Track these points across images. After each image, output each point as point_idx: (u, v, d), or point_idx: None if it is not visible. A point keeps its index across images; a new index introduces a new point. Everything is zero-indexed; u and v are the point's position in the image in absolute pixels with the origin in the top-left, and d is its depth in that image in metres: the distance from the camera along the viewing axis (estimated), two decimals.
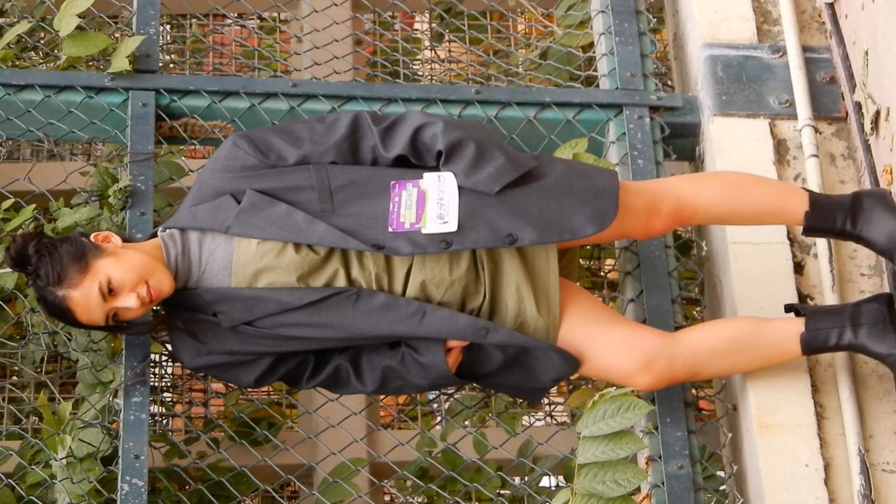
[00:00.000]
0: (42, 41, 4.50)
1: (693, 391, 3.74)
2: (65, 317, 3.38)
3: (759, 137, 4.03)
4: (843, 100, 4.09)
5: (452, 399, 4.35)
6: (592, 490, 3.21)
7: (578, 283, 3.70)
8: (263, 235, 3.40)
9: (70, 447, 3.53)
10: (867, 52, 3.93)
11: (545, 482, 5.02)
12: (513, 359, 3.49)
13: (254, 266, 3.41)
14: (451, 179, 3.44)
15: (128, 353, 3.61)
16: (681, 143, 4.15)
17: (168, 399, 4.85)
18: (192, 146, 4.09)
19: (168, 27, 5.68)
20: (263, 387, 3.67)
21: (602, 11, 4.30)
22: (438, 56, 5.65)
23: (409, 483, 4.67)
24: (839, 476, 3.56)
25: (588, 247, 4.17)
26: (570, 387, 4.61)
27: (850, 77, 4.05)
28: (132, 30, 4.16)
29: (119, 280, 3.33)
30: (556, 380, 3.55)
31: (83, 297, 3.33)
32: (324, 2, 4.62)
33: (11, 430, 3.89)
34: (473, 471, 4.34)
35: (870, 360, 3.66)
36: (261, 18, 5.70)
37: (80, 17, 4.05)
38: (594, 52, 4.33)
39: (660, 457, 3.56)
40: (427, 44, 5.73)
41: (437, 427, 5.27)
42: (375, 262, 3.41)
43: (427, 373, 3.46)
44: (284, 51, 5.24)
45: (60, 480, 3.54)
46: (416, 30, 5.91)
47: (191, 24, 5.67)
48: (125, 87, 4.01)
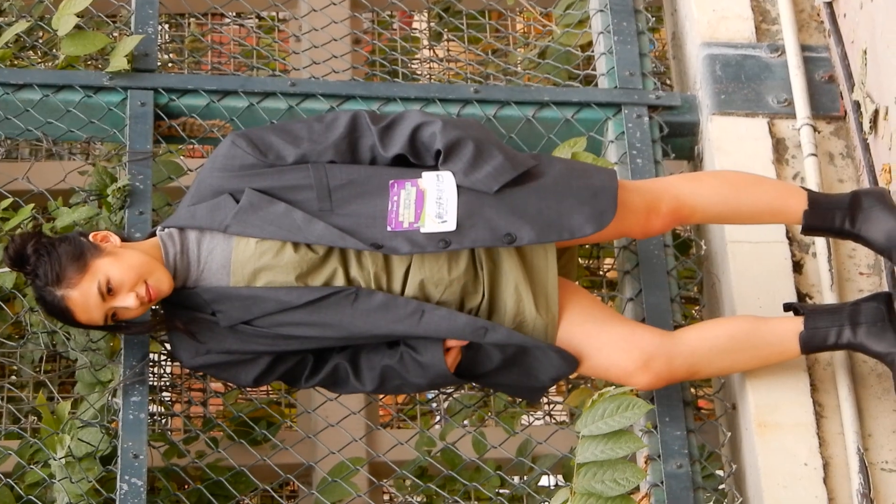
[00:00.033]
0: (40, 40, 4.50)
1: (692, 390, 3.74)
2: (63, 316, 3.38)
3: (758, 136, 4.03)
4: (842, 99, 4.09)
5: (451, 398, 4.34)
6: (591, 489, 3.21)
7: (577, 283, 3.69)
8: (262, 234, 3.40)
9: (69, 446, 3.52)
10: (866, 51, 3.93)
11: (544, 481, 5.01)
12: (512, 358, 3.48)
13: (252, 265, 3.40)
14: (450, 178, 3.43)
15: (126, 353, 3.61)
16: (679, 142, 4.15)
17: (167, 398, 4.85)
18: (191, 145, 4.09)
19: (166, 26, 5.67)
20: (262, 386, 3.67)
21: (601, 10, 4.30)
22: (437, 55, 5.64)
23: (409, 482, 4.67)
24: (838, 475, 3.55)
25: (587, 246, 4.17)
26: (569, 386, 4.60)
27: (849, 76, 4.05)
28: (130, 29, 4.16)
29: (118, 280, 3.33)
30: (555, 379, 3.55)
31: (82, 297, 3.32)
32: (322, 1, 4.61)
33: (10, 430, 3.89)
34: (472, 470, 4.33)
35: (869, 359, 3.66)
36: (259, 17, 5.70)
37: (79, 17, 4.04)
38: (593, 51, 4.33)
39: (659, 456, 3.56)
40: (426, 43, 5.73)
41: (437, 426, 5.26)
42: (374, 262, 3.41)
43: (426, 372, 3.46)
44: (283, 50, 5.24)
45: (59, 480, 3.53)
46: (415, 29, 5.90)
47: (189, 24, 5.66)
48: (124, 87, 4.01)
